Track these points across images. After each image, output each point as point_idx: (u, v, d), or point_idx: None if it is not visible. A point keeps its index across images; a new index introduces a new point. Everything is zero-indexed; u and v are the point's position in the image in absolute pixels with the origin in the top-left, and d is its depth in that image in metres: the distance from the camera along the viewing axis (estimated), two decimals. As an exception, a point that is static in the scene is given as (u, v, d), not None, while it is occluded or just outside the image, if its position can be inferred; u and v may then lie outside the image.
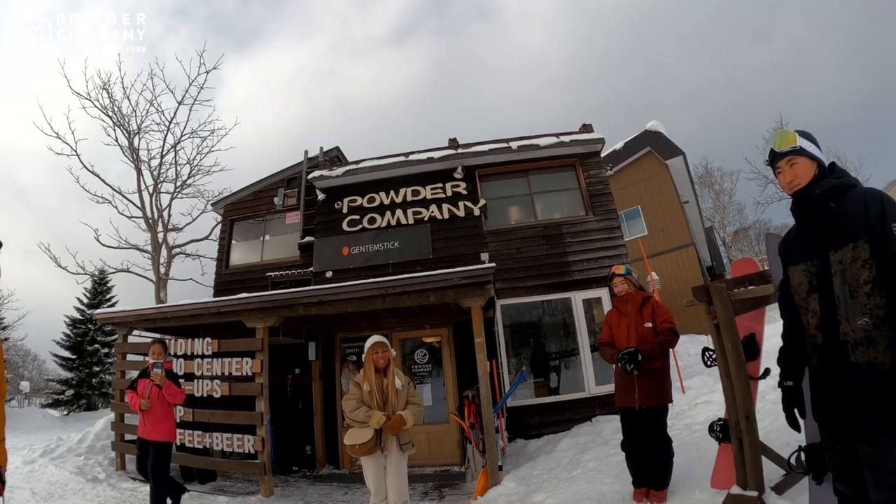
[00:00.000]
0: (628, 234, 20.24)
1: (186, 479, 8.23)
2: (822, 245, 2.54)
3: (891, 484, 2.26)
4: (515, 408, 9.65)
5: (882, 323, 2.30)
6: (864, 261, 2.35)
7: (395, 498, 4.98)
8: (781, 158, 2.66)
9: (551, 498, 5.75)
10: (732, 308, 4.05)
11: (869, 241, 2.34)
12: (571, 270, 10.48)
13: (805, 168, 2.61)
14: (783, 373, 2.78)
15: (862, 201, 2.41)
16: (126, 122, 19.42)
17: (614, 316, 5.35)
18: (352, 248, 11.19)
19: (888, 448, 2.26)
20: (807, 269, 2.62)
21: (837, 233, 2.46)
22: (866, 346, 2.33)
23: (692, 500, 4.71)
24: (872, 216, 2.35)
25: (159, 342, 6.74)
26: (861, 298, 2.36)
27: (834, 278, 2.46)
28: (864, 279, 2.35)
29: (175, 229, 20.00)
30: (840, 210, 2.49)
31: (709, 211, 40.48)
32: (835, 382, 2.46)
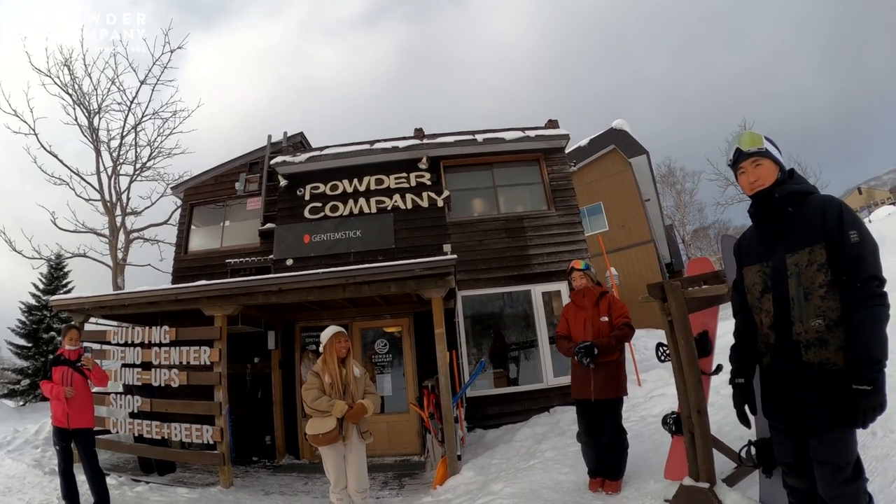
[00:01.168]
0: (590, 230, 20.47)
1: (145, 471, 8.09)
2: (778, 247, 2.61)
3: (841, 480, 2.38)
4: (475, 398, 9.71)
5: (835, 325, 2.39)
6: (820, 265, 2.43)
7: (356, 485, 5.03)
8: (747, 159, 2.69)
9: (509, 487, 5.81)
10: (686, 306, 4.11)
11: (826, 246, 2.42)
12: (532, 264, 10.57)
13: (769, 170, 2.66)
14: (734, 370, 2.86)
15: (821, 208, 2.48)
16: (86, 101, 18.96)
17: (571, 309, 5.42)
18: (313, 237, 11.06)
19: (838, 444, 2.39)
20: (762, 270, 2.68)
21: (795, 236, 2.54)
22: (819, 346, 2.42)
23: (646, 490, 4.80)
24: (830, 222, 2.42)
25: (74, 327, 6.57)
26: (815, 301, 2.44)
27: (789, 280, 2.53)
28: (819, 283, 2.43)
29: (134, 213, 19.63)
30: (798, 214, 2.56)
31: (670, 209, 41.22)
32: (787, 381, 2.56)
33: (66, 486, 6.04)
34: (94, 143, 18.88)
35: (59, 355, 6.26)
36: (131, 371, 7.97)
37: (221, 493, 7.14)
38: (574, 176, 21.16)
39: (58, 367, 6.13)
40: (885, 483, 3.54)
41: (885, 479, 3.59)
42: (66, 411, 5.98)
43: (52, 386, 6.02)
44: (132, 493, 6.82)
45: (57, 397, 6.00)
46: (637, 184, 22.08)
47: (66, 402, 5.97)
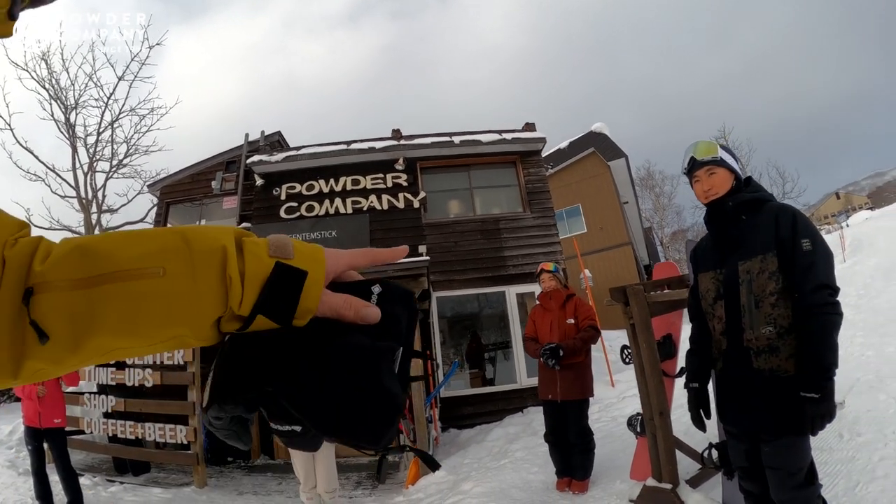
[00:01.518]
0: (568, 231, 20.59)
1: (120, 472, 8.00)
2: (731, 255, 2.62)
3: (792, 485, 2.40)
4: (450, 398, 9.74)
5: (786, 332, 2.40)
6: (772, 273, 2.45)
7: (325, 485, 5.00)
8: (701, 167, 2.71)
9: (479, 486, 5.85)
10: (648, 309, 4.16)
11: (777, 254, 2.44)
12: (507, 265, 10.63)
13: (723, 179, 2.67)
14: (689, 375, 2.89)
15: (774, 216, 2.50)
16: (63, 96, 18.57)
17: (538, 312, 5.49)
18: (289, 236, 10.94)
19: (789, 450, 2.41)
20: (715, 277, 2.70)
21: (748, 244, 2.56)
22: (769, 353, 2.44)
23: (612, 490, 4.88)
24: (783, 230, 2.43)
25: None
26: (766, 308, 2.46)
27: (741, 287, 2.55)
28: (770, 290, 2.45)
29: (110, 210, 19.28)
30: (752, 223, 2.57)
31: (648, 212, 41.52)
32: (738, 386, 2.58)
33: (40, 486, 5.98)
34: (70, 139, 18.52)
35: None
36: (105, 371, 7.86)
37: (195, 492, 7.10)
38: (553, 178, 21.44)
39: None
40: (849, 486, 3.59)
41: (849, 481, 3.64)
42: (37, 411, 5.94)
43: (24, 385, 5.96)
44: (106, 493, 6.76)
45: (28, 397, 5.95)
46: (615, 186, 22.27)
47: (38, 401, 5.92)
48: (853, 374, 5.88)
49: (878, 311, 8.56)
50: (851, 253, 17.61)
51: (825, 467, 3.92)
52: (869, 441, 4.15)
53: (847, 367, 6.22)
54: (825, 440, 4.35)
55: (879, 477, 3.56)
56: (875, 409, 4.78)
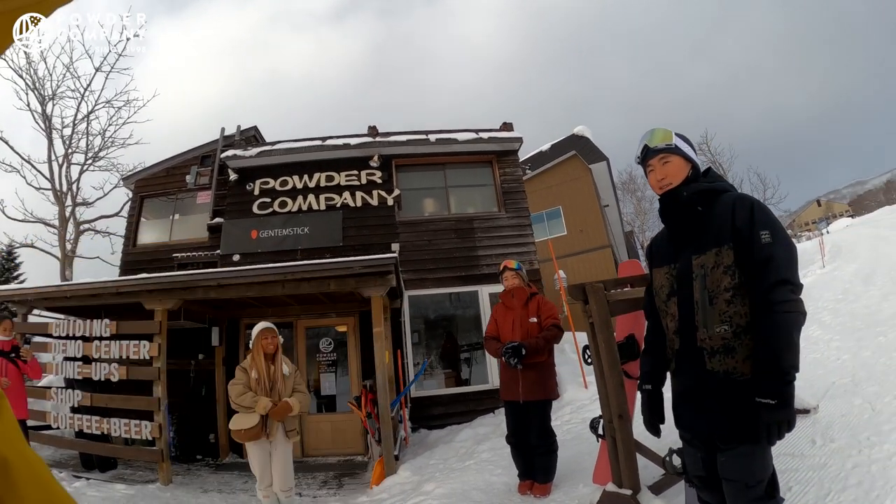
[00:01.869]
0: (548, 233, 20.67)
1: (87, 467, 7.89)
2: (686, 248, 2.45)
3: (750, 498, 2.20)
4: (421, 398, 9.70)
5: (742, 332, 2.22)
6: (727, 267, 2.26)
7: (280, 484, 4.98)
8: (655, 156, 2.53)
9: (440, 488, 5.82)
10: (608, 308, 4.06)
11: (734, 246, 2.25)
12: (480, 265, 10.58)
13: (678, 168, 2.50)
14: (642, 376, 2.71)
15: (731, 206, 2.31)
16: (41, 86, 18.41)
17: (500, 310, 5.38)
18: (261, 232, 10.90)
19: (747, 460, 2.21)
20: (669, 272, 2.53)
21: (703, 237, 2.37)
22: (724, 354, 2.25)
23: (575, 493, 4.79)
24: (739, 221, 2.24)
25: (7, 318, 6.47)
26: (720, 305, 2.27)
27: (694, 283, 2.37)
28: (725, 286, 2.26)
29: (85, 203, 19.07)
30: (708, 214, 2.39)
31: (630, 216, 41.85)
32: (692, 389, 2.41)
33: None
34: (46, 131, 18.36)
35: None
36: (72, 365, 7.79)
37: (159, 490, 7.02)
38: (534, 180, 21.50)
39: None
40: (820, 495, 3.44)
41: (821, 489, 3.50)
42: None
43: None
44: (70, 488, 6.62)
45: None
46: (596, 189, 22.34)
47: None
48: (828, 379, 5.85)
49: (856, 315, 8.58)
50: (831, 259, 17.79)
51: (796, 474, 3.80)
52: (842, 447, 4.02)
53: (823, 370, 6.26)
54: (797, 446, 4.26)
55: (852, 485, 3.43)
56: (849, 413, 4.69)
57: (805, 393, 5.30)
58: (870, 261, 14.42)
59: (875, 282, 10.87)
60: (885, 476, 3.40)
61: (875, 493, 3.25)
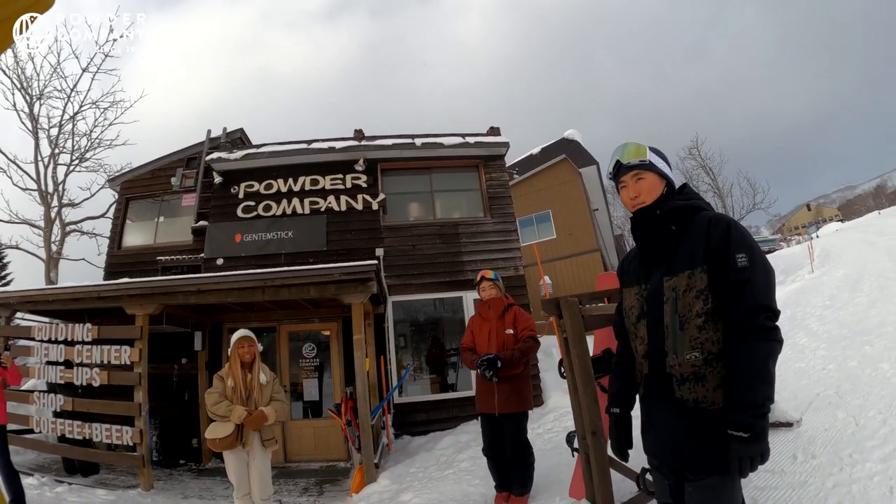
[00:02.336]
0: (537, 237, 20.73)
1: (69, 472, 7.89)
2: (658, 269, 2.34)
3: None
4: (405, 404, 9.66)
5: (714, 359, 2.12)
6: (700, 291, 2.15)
7: (259, 493, 4.96)
8: (627, 172, 2.40)
9: (417, 498, 5.83)
10: (583, 322, 4.03)
11: (707, 269, 2.14)
12: (465, 270, 10.54)
13: (652, 185, 2.39)
14: (610, 398, 2.63)
15: (706, 226, 2.19)
16: (28, 86, 18.29)
17: (476, 321, 5.33)
18: (245, 236, 10.84)
19: (713, 492, 2.12)
20: (639, 293, 2.42)
21: (675, 257, 2.26)
22: (694, 382, 2.15)
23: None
24: (714, 243, 2.13)
25: None
26: (691, 331, 2.16)
27: (665, 306, 2.26)
28: (697, 311, 2.15)
29: (71, 204, 18.94)
30: (681, 233, 2.29)
31: (620, 219, 41.85)
32: (660, 416, 2.33)
33: None
34: (33, 131, 18.25)
35: None
36: (54, 369, 7.79)
37: (140, 495, 7.01)
38: (524, 183, 21.53)
39: None
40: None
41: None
42: None
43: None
44: (51, 493, 6.69)
45: None
46: (586, 193, 22.41)
47: None
48: (813, 389, 5.81)
49: (843, 323, 8.58)
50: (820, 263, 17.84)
51: (774, 492, 3.73)
52: (823, 464, 3.94)
53: (807, 381, 6.23)
54: (777, 462, 4.20)
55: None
56: (833, 427, 4.62)
57: (789, 405, 5.27)
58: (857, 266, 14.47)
59: (862, 288, 10.91)
60: (865, 497, 3.34)
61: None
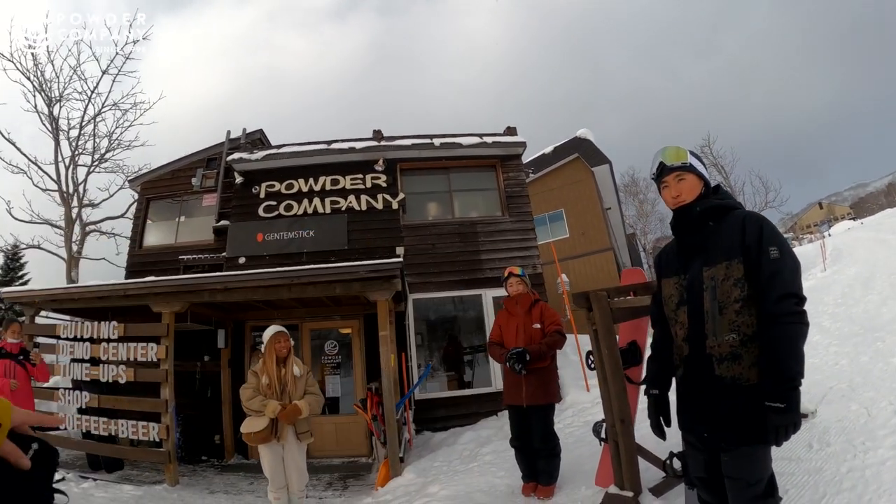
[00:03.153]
0: (551, 236, 20.74)
1: (93, 468, 7.97)
2: (696, 260, 2.59)
3: (751, 496, 2.35)
4: (425, 400, 9.77)
5: (749, 340, 2.36)
6: (737, 279, 2.40)
7: (296, 485, 5.09)
8: (670, 173, 2.68)
9: (445, 489, 5.89)
10: (611, 315, 4.16)
11: (743, 261, 2.40)
12: (483, 268, 10.68)
13: (692, 185, 2.65)
14: (649, 381, 2.86)
15: (741, 223, 2.46)
16: (48, 88, 18.43)
17: (504, 316, 5.47)
18: (266, 235, 10.99)
19: (749, 460, 2.35)
20: (678, 283, 2.66)
21: (713, 250, 2.52)
22: (731, 361, 2.39)
23: (577, 495, 4.87)
24: (749, 237, 2.39)
25: (16, 321, 6.59)
26: (730, 315, 2.41)
27: (705, 293, 2.51)
28: (735, 297, 2.40)
29: (91, 205, 19.11)
30: (718, 229, 2.54)
31: (632, 218, 41.92)
32: (699, 394, 2.53)
33: None
34: (53, 132, 18.39)
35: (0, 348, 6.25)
36: (80, 366, 7.84)
37: (166, 490, 7.09)
38: (537, 182, 21.58)
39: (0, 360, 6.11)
40: (815, 498, 3.54)
41: (815, 493, 3.59)
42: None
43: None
44: (78, 489, 6.72)
45: (1, 390, 5.98)
46: (598, 192, 22.44)
47: (11, 394, 5.96)
48: (826, 384, 5.91)
49: (855, 320, 8.64)
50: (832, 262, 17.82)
51: (793, 478, 3.89)
52: (837, 452, 4.11)
53: (820, 375, 6.31)
54: (794, 450, 4.35)
55: (846, 489, 3.52)
56: (846, 418, 4.77)
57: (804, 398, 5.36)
58: (870, 264, 14.47)
59: (874, 286, 10.94)
60: (877, 480, 3.50)
61: (867, 497, 3.35)
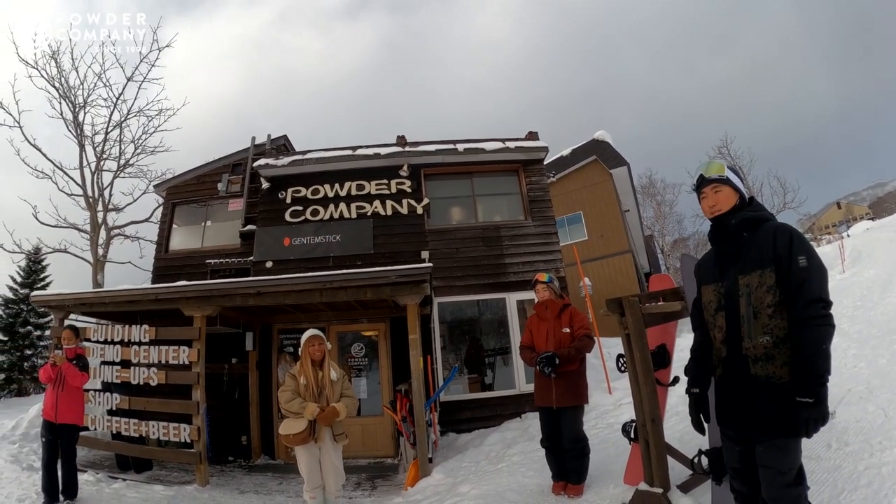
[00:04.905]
0: (569, 238, 20.76)
1: (122, 468, 8.12)
2: (732, 269, 2.81)
3: (781, 483, 2.58)
4: (449, 402, 9.86)
5: (781, 342, 2.58)
6: (770, 286, 2.63)
7: (334, 485, 5.20)
8: (708, 185, 2.92)
9: (475, 489, 6.00)
10: (643, 320, 4.29)
11: (775, 269, 2.62)
12: (507, 272, 10.79)
13: (727, 196, 2.88)
14: (690, 381, 3.08)
15: (772, 234, 2.68)
16: (72, 95, 18.75)
17: (534, 321, 5.65)
18: (293, 240, 11.17)
19: (781, 451, 2.58)
20: (717, 290, 2.89)
21: (747, 259, 2.74)
22: (765, 361, 2.62)
23: (606, 494, 4.99)
24: (781, 248, 2.62)
25: (70, 328, 6.75)
26: (763, 319, 2.64)
27: (740, 299, 2.74)
28: (768, 303, 2.63)
29: (115, 209, 19.41)
30: (752, 240, 2.76)
31: (650, 220, 41.75)
32: (736, 391, 2.75)
33: (48, 479, 6.16)
34: (78, 138, 18.68)
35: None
36: (110, 368, 8.00)
37: (197, 491, 7.22)
38: (555, 185, 21.59)
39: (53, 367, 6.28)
40: (834, 493, 3.72)
41: (834, 489, 3.77)
42: (55, 404, 6.17)
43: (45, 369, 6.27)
44: (109, 489, 6.91)
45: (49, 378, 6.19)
46: (617, 194, 22.42)
47: (56, 394, 6.14)
48: (845, 385, 6.01)
49: (873, 323, 8.67)
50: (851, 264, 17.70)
51: (813, 475, 4.01)
52: (855, 451, 4.27)
53: (839, 378, 6.37)
54: (814, 449, 4.48)
55: (863, 486, 3.69)
56: (863, 419, 4.90)
57: (822, 400, 5.48)
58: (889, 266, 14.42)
59: (893, 288, 10.94)
60: (893, 478, 3.69)
61: (884, 493, 3.53)
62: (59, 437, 6.23)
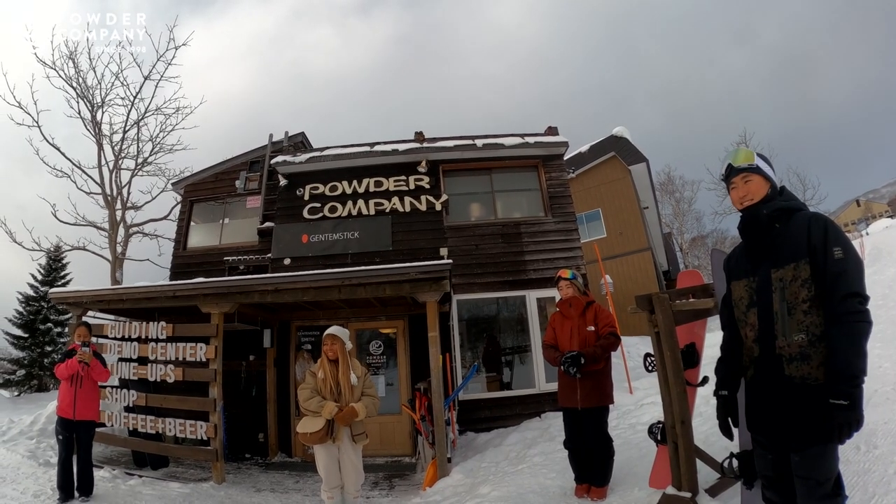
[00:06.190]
0: (588, 236, 20.61)
1: (139, 465, 8.14)
2: (764, 263, 2.62)
3: (821, 494, 2.38)
4: (467, 401, 9.77)
5: (817, 340, 2.39)
6: (804, 280, 2.44)
7: (352, 487, 5.12)
8: (738, 174, 2.73)
9: (496, 490, 5.87)
10: (673, 318, 4.15)
11: (810, 262, 2.43)
12: (527, 269, 10.67)
13: (758, 186, 2.69)
14: (719, 382, 2.89)
15: (806, 225, 2.49)
16: (90, 94, 18.81)
17: (558, 319, 5.46)
18: (311, 237, 11.14)
19: (819, 459, 2.38)
20: (748, 285, 2.70)
21: (780, 252, 2.55)
22: (800, 361, 2.42)
23: (631, 497, 4.85)
24: (815, 239, 2.43)
25: (84, 325, 6.75)
26: (798, 316, 2.45)
27: (773, 295, 2.55)
28: (803, 298, 2.44)
29: (134, 207, 19.50)
30: (785, 231, 2.57)
31: (668, 217, 41.41)
32: (769, 394, 2.56)
33: (64, 476, 6.18)
34: (96, 137, 18.76)
35: (69, 350, 6.46)
36: (127, 365, 8.00)
37: (213, 488, 7.19)
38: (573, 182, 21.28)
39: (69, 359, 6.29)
40: (865, 498, 3.56)
41: (865, 493, 3.62)
42: (73, 402, 6.19)
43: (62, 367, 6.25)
44: (125, 486, 6.91)
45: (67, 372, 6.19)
46: (636, 191, 22.22)
47: (73, 392, 6.14)
48: (871, 386, 5.78)
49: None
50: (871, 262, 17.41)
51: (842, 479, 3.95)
52: (885, 454, 4.11)
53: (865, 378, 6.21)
54: (843, 452, 4.29)
55: (894, 489, 3.55)
56: (891, 420, 4.71)
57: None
58: (909, 264, 14.18)
59: (914, 287, 10.72)
60: None
61: (916, 497, 3.36)
62: (76, 433, 6.25)
